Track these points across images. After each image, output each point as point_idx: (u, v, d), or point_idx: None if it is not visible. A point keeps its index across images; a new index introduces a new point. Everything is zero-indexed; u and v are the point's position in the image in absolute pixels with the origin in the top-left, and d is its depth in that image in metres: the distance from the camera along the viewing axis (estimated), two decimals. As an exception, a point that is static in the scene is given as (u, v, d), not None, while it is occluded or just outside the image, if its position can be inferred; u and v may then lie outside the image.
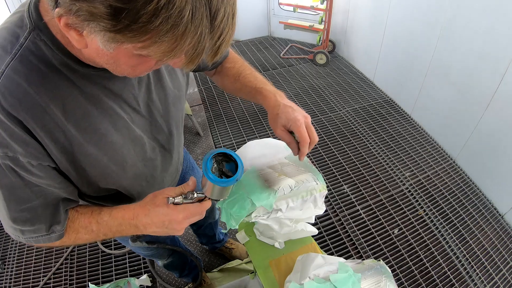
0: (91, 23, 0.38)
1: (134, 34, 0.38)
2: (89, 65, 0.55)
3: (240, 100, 3.20)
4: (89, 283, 1.33)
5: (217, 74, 0.96)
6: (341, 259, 0.88)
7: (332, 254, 1.89)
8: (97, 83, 0.58)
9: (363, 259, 0.93)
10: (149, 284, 1.44)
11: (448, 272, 1.81)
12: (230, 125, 2.90)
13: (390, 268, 0.95)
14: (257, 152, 0.95)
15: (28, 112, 0.50)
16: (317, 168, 2.12)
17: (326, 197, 1.80)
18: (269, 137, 2.11)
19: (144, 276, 1.39)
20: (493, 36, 1.92)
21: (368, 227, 2.04)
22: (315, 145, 2.56)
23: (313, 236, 1.07)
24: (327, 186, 2.12)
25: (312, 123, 0.74)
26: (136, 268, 1.90)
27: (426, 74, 2.54)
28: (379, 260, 0.90)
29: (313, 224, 1.04)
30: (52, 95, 0.52)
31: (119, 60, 0.47)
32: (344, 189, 2.27)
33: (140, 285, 1.48)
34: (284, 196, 0.83)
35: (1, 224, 2.09)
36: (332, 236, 2.00)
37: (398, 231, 2.01)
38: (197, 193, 0.65)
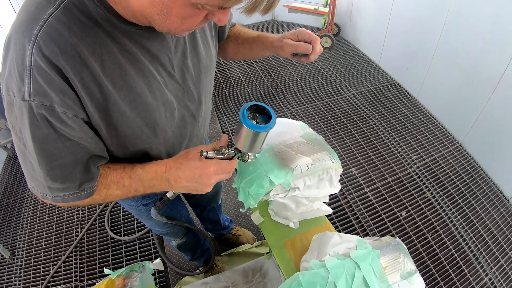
0: None
1: None
2: (131, 22, 0.56)
3: (246, 84, 3.18)
4: (104, 268, 1.34)
5: (226, 42, 0.98)
6: (358, 237, 0.88)
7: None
8: (137, 41, 0.58)
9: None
10: (162, 268, 1.45)
11: (455, 255, 1.82)
12: (237, 110, 2.88)
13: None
14: (273, 130, 0.93)
15: (68, 62, 0.50)
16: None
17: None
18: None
19: (158, 260, 1.40)
20: (500, 19, 1.87)
21: (376, 209, 2.04)
22: (322, 127, 2.57)
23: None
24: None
25: (319, 106, 0.75)
26: (146, 253, 1.92)
27: (433, 57, 2.49)
28: (395, 237, 0.90)
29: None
30: (92, 49, 0.52)
31: (173, 10, 0.48)
32: (352, 171, 2.26)
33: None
34: (301, 174, 0.83)
35: (23, 189, 2.04)
36: (341, 218, 2.01)
37: (405, 213, 2.02)
38: (229, 149, 0.67)
